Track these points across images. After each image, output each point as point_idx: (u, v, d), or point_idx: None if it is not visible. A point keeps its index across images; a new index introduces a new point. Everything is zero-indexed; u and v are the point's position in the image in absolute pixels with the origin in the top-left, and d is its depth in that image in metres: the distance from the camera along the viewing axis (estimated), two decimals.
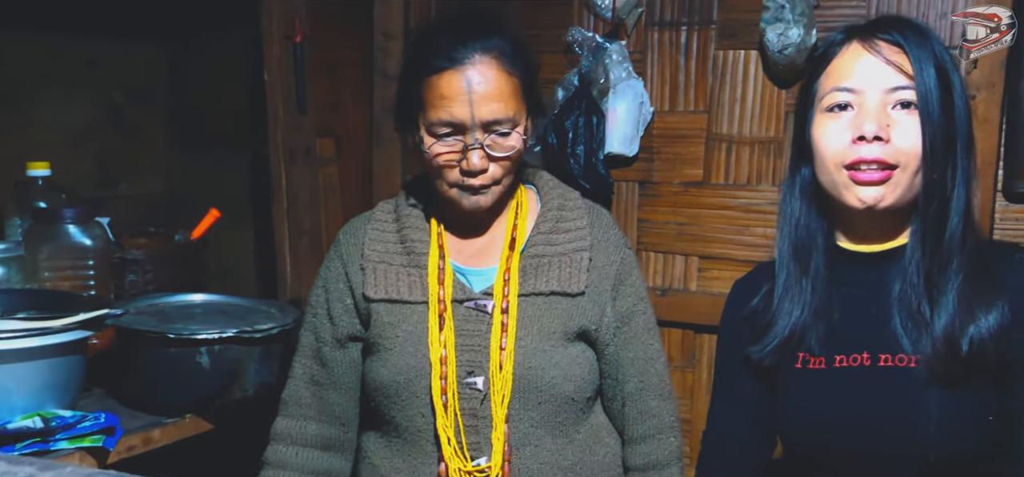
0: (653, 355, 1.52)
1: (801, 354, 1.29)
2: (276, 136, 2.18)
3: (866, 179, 1.19)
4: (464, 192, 1.41)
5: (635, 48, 2.12)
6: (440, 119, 1.37)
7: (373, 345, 1.47)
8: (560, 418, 1.45)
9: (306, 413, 1.51)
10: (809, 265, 1.29)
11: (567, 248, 1.48)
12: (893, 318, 1.22)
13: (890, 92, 1.19)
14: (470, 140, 1.37)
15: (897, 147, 1.18)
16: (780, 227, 1.34)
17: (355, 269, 1.50)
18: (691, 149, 2.10)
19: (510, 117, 1.39)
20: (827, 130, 1.22)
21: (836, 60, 1.24)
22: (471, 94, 1.36)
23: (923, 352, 1.19)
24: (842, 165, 1.20)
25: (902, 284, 1.22)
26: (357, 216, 1.58)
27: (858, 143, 1.18)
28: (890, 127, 1.18)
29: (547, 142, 2.13)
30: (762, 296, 1.36)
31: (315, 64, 2.26)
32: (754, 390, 1.38)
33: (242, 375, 1.60)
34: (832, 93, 1.22)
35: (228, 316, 1.68)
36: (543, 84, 2.19)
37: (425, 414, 1.42)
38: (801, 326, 1.28)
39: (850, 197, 1.21)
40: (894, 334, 1.22)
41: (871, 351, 1.24)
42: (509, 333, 1.42)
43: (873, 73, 1.20)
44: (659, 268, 2.16)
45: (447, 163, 1.39)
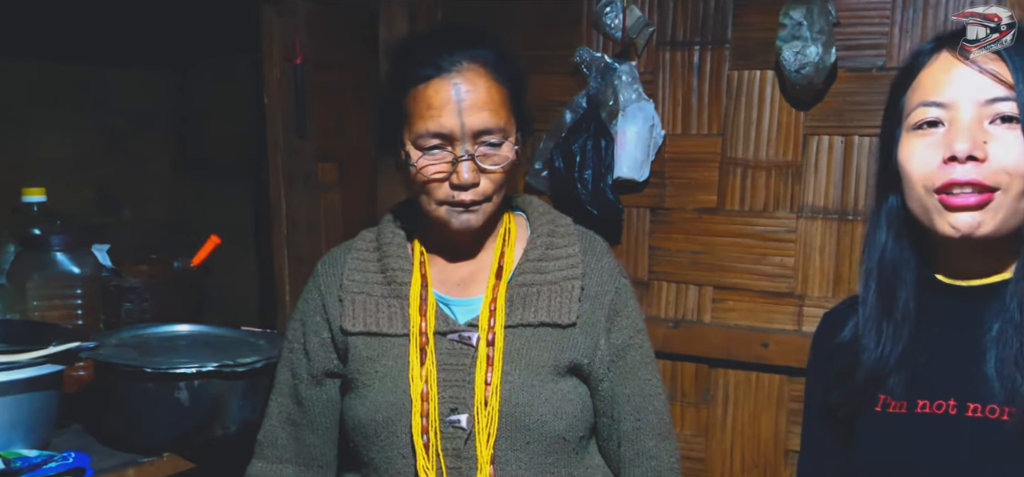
0: (651, 392, 1.43)
1: (882, 397, 1.16)
2: (276, 161, 2.13)
3: (960, 204, 1.05)
4: (454, 210, 1.33)
5: (646, 68, 2.03)
6: (428, 130, 1.30)
7: (351, 381, 1.39)
8: (550, 459, 1.35)
9: (282, 455, 1.43)
10: (895, 303, 1.16)
11: (557, 277, 1.39)
12: (988, 362, 1.08)
13: (986, 105, 1.05)
14: (460, 151, 1.30)
15: (996, 166, 1.04)
16: (864, 261, 1.21)
17: (333, 301, 1.42)
18: (705, 174, 2.00)
19: (501, 127, 1.32)
20: (914, 150, 1.10)
21: (924, 73, 1.11)
22: (460, 102, 1.29)
23: (1019, 404, 1.04)
24: (932, 189, 1.07)
25: (1002, 324, 1.07)
26: (338, 246, 1.50)
27: (950, 164, 1.05)
28: (987, 144, 1.04)
29: (554, 166, 2.05)
30: (848, 332, 1.23)
31: (317, 87, 2.21)
32: (839, 436, 1.24)
33: (223, 411, 1.53)
34: (919, 109, 1.09)
35: (213, 348, 1.62)
36: (551, 106, 2.14)
37: (405, 455, 1.33)
38: (883, 368, 1.15)
39: (942, 224, 1.07)
40: (987, 381, 1.07)
41: (959, 398, 1.09)
42: (495, 367, 1.33)
43: (966, 84, 1.06)
44: (672, 298, 2.06)
45: (435, 177, 1.31)
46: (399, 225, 1.47)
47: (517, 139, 1.36)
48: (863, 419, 1.17)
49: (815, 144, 1.89)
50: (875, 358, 1.15)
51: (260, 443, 1.45)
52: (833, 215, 1.89)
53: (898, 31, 1.80)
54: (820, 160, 1.88)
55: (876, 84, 1.82)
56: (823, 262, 1.91)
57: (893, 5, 1.82)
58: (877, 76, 1.83)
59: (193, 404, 1.50)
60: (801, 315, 1.95)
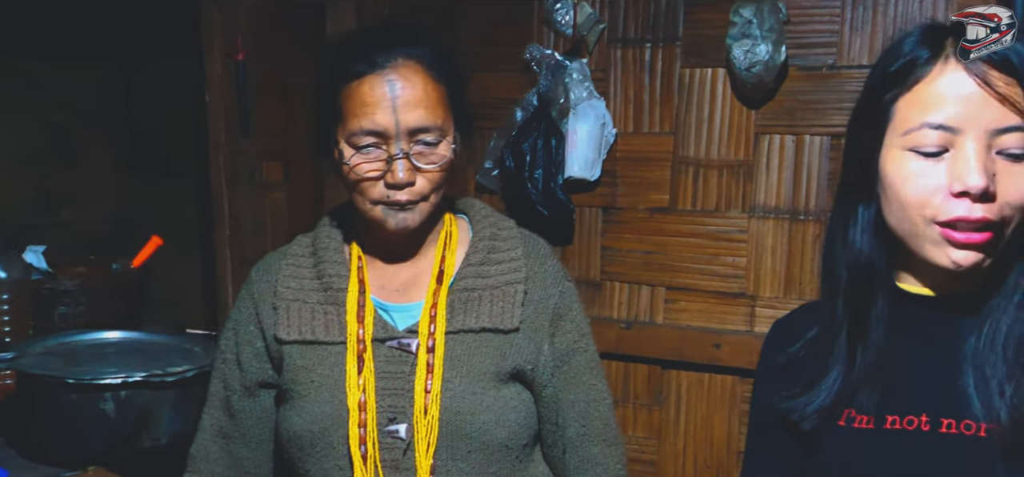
0: (596, 397, 1.39)
1: (847, 411, 1.08)
2: (218, 160, 2.06)
3: (965, 241, 0.96)
4: (389, 210, 1.28)
5: (597, 66, 2.00)
6: (361, 128, 1.25)
7: (286, 392, 1.34)
8: (493, 469, 1.31)
9: (214, 470, 1.38)
10: (868, 315, 1.08)
11: (500, 281, 1.35)
12: (964, 376, 1.00)
13: (997, 134, 0.95)
14: (394, 150, 1.25)
15: (1004, 201, 0.96)
16: (827, 268, 1.12)
17: (267, 309, 1.37)
18: (657, 173, 1.97)
19: (437, 125, 1.27)
20: (911, 173, 0.99)
21: (925, 83, 0.99)
22: (395, 99, 1.25)
23: (997, 419, 0.97)
24: (932, 220, 0.98)
25: (980, 340, 1.00)
26: (273, 251, 1.45)
27: (959, 198, 0.96)
28: (995, 177, 0.95)
29: (505, 165, 2.00)
30: (806, 342, 1.15)
31: (263, 84, 2.15)
32: (793, 451, 1.16)
33: (153, 422, 1.48)
34: (923, 130, 0.98)
35: (144, 356, 1.56)
36: (502, 104, 2.09)
37: (343, 467, 1.29)
38: (852, 384, 1.07)
39: (940, 257, 0.99)
40: (963, 395, 1.00)
41: (932, 413, 1.02)
42: (435, 374, 1.29)
43: (978, 109, 0.95)
44: (624, 299, 2.03)
45: (369, 175, 1.27)
46: (336, 229, 1.42)
47: (456, 139, 1.32)
48: (826, 435, 1.10)
49: (766, 143, 1.86)
50: (844, 375, 1.08)
51: (192, 457, 1.40)
52: (784, 215, 1.87)
53: (848, 29, 1.78)
54: (771, 159, 1.86)
55: (827, 83, 1.80)
56: (775, 262, 1.89)
57: (843, 3, 1.80)
58: (828, 75, 1.81)
59: (120, 415, 1.44)
60: (753, 316, 1.92)
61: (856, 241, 1.08)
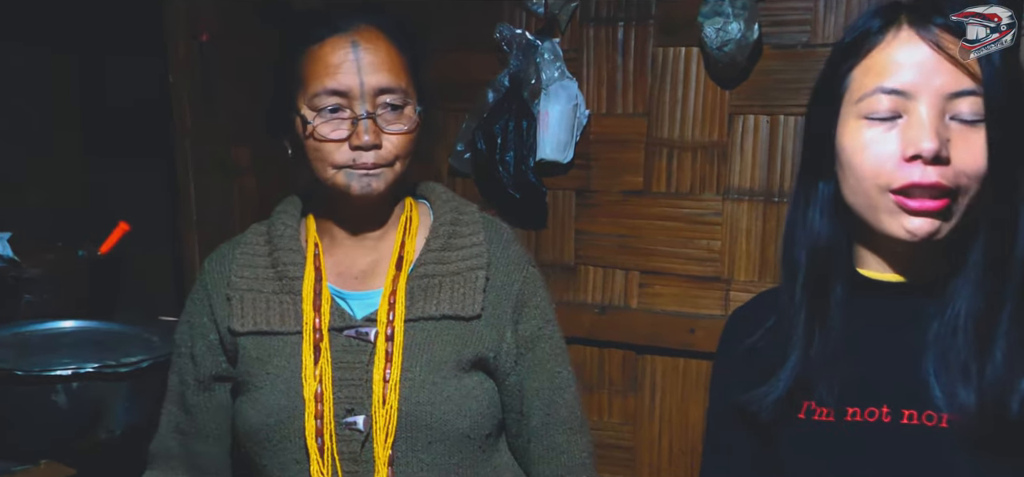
0: (561, 384, 1.35)
1: (806, 403, 1.04)
2: (183, 144, 2.02)
3: (919, 207, 0.94)
4: (354, 174, 1.24)
5: (569, 46, 1.95)
6: (325, 87, 1.21)
7: (242, 385, 1.30)
8: (454, 460, 1.27)
9: (174, 467, 1.34)
10: (826, 298, 1.05)
11: (461, 267, 1.31)
12: (925, 366, 0.97)
13: (951, 98, 0.94)
14: (359, 110, 1.22)
15: (958, 169, 0.93)
16: (788, 250, 1.09)
17: (220, 300, 1.33)
18: (630, 155, 1.93)
19: (402, 87, 1.24)
20: (866, 142, 0.97)
21: (880, 49, 0.97)
22: (358, 60, 1.22)
23: (959, 410, 0.94)
24: (887, 188, 0.96)
25: (941, 325, 0.97)
26: (227, 241, 1.41)
27: (912, 163, 0.93)
28: (949, 142, 0.93)
29: (476, 148, 1.96)
30: (765, 332, 1.12)
31: (229, 68, 2.10)
32: (753, 446, 1.13)
33: (107, 414, 1.44)
34: (875, 95, 0.96)
35: (100, 347, 1.52)
36: (474, 86, 2.05)
37: (300, 460, 1.25)
38: (811, 374, 1.04)
39: (895, 227, 0.96)
40: (925, 385, 0.97)
41: (892, 404, 0.99)
42: (394, 363, 1.25)
43: (931, 72, 0.94)
44: (598, 283, 1.99)
45: (333, 138, 1.23)
46: (292, 216, 1.37)
47: (418, 111, 1.28)
48: (786, 428, 1.07)
49: (741, 124, 1.82)
50: (802, 363, 1.04)
51: (151, 454, 1.36)
52: (759, 197, 1.83)
53: (823, 6, 1.74)
54: (746, 140, 1.82)
55: (802, 62, 1.76)
56: (749, 245, 1.86)
57: None
58: (802, 53, 1.77)
59: (72, 407, 1.40)
60: (728, 300, 1.89)
61: (816, 222, 1.05)
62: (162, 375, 1.45)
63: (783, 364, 1.06)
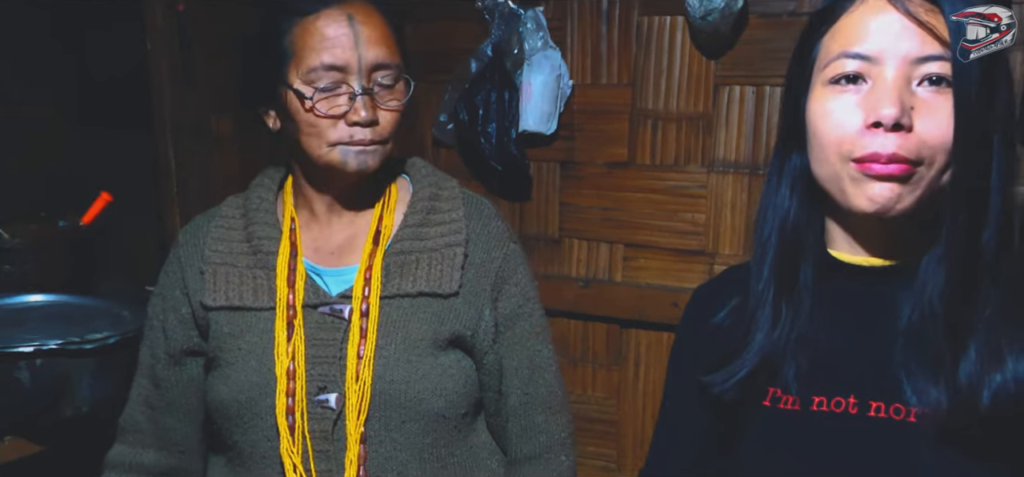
0: (541, 363, 1.34)
1: (772, 389, 1.01)
2: (161, 114, 1.98)
3: (880, 173, 0.91)
4: (350, 151, 1.22)
5: (553, 15, 1.91)
6: (322, 62, 1.19)
7: (213, 360, 1.29)
8: (429, 439, 1.26)
9: (143, 440, 1.33)
10: (795, 278, 1.02)
11: (439, 243, 1.29)
12: (895, 355, 0.94)
13: (916, 63, 0.90)
14: (356, 87, 1.20)
15: (921, 138, 0.90)
16: (759, 227, 1.06)
17: (194, 274, 1.31)
18: (615, 126, 1.89)
19: (396, 63, 1.23)
20: (830, 108, 0.94)
21: (846, 16, 0.95)
22: (356, 34, 1.20)
23: (929, 403, 0.91)
24: (849, 157, 0.93)
25: (912, 313, 0.94)
26: (202, 213, 1.39)
27: (873, 130, 0.90)
28: (914, 110, 0.90)
29: (459, 119, 1.93)
30: (730, 311, 1.09)
31: (211, 35, 2.05)
32: (708, 428, 1.10)
33: (73, 390, 1.42)
34: (839, 60, 0.93)
35: (68, 322, 1.50)
36: (457, 55, 2.01)
37: (271, 437, 1.24)
38: (776, 355, 1.01)
39: (857, 197, 0.93)
40: (894, 376, 0.94)
41: (860, 395, 0.96)
42: (368, 340, 1.24)
43: (896, 36, 0.91)
44: (583, 257, 1.97)
45: (331, 114, 1.20)
46: (269, 189, 1.36)
47: (409, 84, 1.27)
48: (750, 414, 1.04)
49: (726, 94, 1.79)
50: (769, 343, 1.01)
51: (120, 426, 1.35)
52: (744, 169, 1.81)
53: None
54: (731, 111, 1.79)
55: (788, 30, 1.72)
56: (734, 219, 1.83)
57: None
58: (789, 22, 1.73)
59: (36, 384, 1.38)
60: (712, 274, 1.87)
61: (786, 198, 1.03)
62: (130, 351, 1.43)
63: (748, 345, 1.03)
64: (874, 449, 0.94)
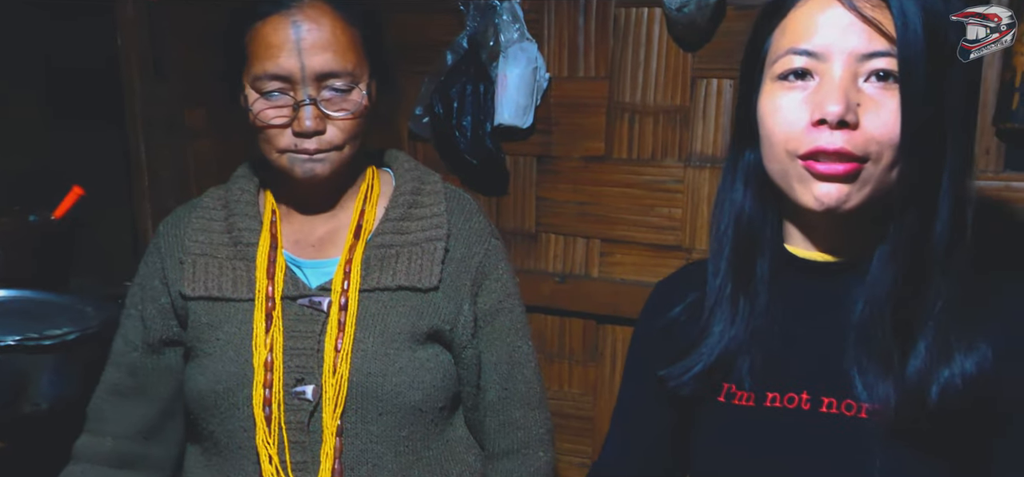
0: (521, 359, 1.34)
1: (727, 385, 1.03)
2: (132, 107, 1.96)
3: (827, 172, 0.91)
4: (297, 158, 1.21)
5: (530, 7, 1.90)
6: (265, 72, 1.18)
7: (191, 350, 1.29)
8: (405, 432, 1.26)
9: (104, 428, 1.32)
10: (750, 274, 1.03)
11: (420, 237, 1.29)
12: (847, 352, 0.95)
13: (863, 59, 0.91)
14: (301, 96, 1.19)
15: (868, 134, 0.90)
16: (716, 222, 1.07)
17: (173, 264, 1.31)
18: (592, 120, 1.89)
19: (348, 70, 1.20)
20: (778, 105, 0.95)
21: (795, 11, 0.95)
22: (300, 42, 1.18)
23: (879, 399, 0.92)
24: (796, 154, 0.93)
25: (865, 309, 0.95)
26: (183, 205, 1.38)
27: (818, 127, 0.91)
28: (860, 107, 0.91)
29: (434, 112, 1.92)
30: (687, 306, 1.09)
31: (182, 28, 2.03)
32: (663, 422, 1.11)
33: (31, 387, 1.39)
34: (787, 56, 0.94)
35: (28, 318, 1.47)
36: (434, 47, 1.99)
37: (247, 428, 1.23)
38: (732, 351, 1.02)
39: (805, 195, 0.94)
40: (845, 372, 0.95)
41: (813, 391, 0.96)
42: (346, 333, 1.24)
43: (842, 32, 0.91)
44: (559, 252, 1.96)
45: (275, 123, 1.20)
46: (251, 182, 1.36)
47: (371, 86, 1.25)
48: (705, 409, 1.05)
49: (703, 88, 1.79)
50: (725, 339, 1.02)
51: (86, 416, 1.34)
52: (721, 164, 1.78)
53: None
54: (708, 105, 1.79)
55: None
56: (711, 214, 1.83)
57: None
58: None
59: None
60: None
61: (741, 195, 1.03)
62: (92, 347, 1.41)
63: (704, 340, 1.03)
64: (826, 445, 0.95)
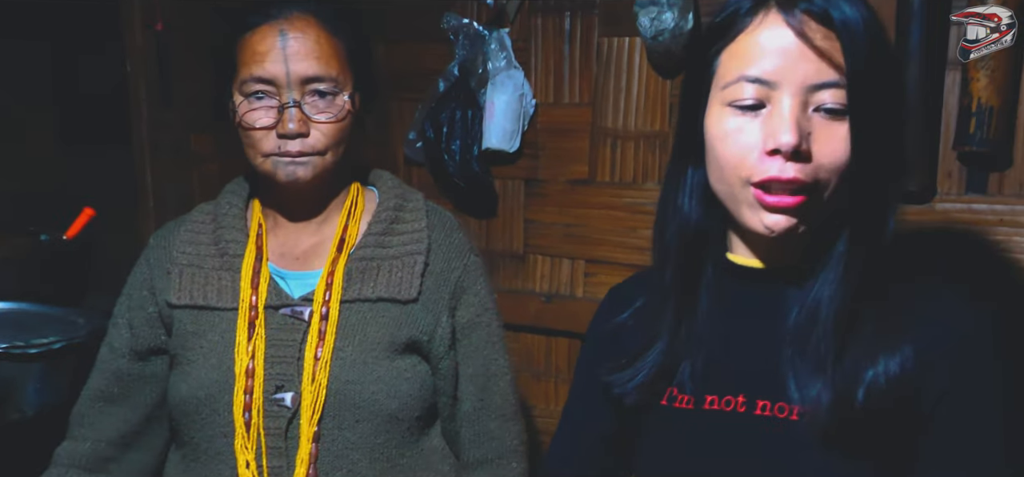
0: (496, 372, 1.39)
1: (669, 389, 1.04)
2: (139, 132, 2.05)
3: (778, 204, 0.92)
4: (280, 161, 1.27)
5: (519, 36, 1.97)
6: (251, 75, 1.26)
7: (175, 358, 1.34)
8: (381, 439, 1.30)
9: (85, 433, 1.38)
10: (695, 282, 1.04)
11: (400, 251, 1.35)
12: (781, 354, 0.97)
13: (813, 91, 0.91)
14: (286, 99, 1.25)
15: (818, 162, 0.91)
16: (661, 233, 1.07)
17: (161, 274, 1.37)
18: (576, 144, 1.95)
19: (331, 76, 1.27)
20: (728, 131, 0.95)
21: (746, 36, 0.94)
22: (285, 49, 1.25)
23: (809, 401, 0.93)
24: (748, 181, 0.94)
25: (800, 314, 0.96)
26: (174, 219, 1.45)
27: (772, 157, 0.91)
28: (811, 136, 0.91)
29: (426, 137, 1.99)
30: (634, 311, 1.11)
31: (189, 55, 2.13)
32: (607, 426, 1.14)
33: (16, 395, 1.47)
34: (739, 83, 0.93)
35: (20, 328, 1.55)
36: (428, 75, 2.07)
37: (227, 434, 1.29)
38: (676, 356, 1.04)
39: (754, 221, 0.95)
40: (780, 375, 0.96)
41: (749, 393, 0.98)
42: (326, 342, 1.29)
43: (795, 62, 0.91)
44: (546, 273, 2.02)
45: (261, 125, 1.26)
46: (238, 196, 1.42)
47: (355, 97, 1.31)
48: (649, 414, 1.07)
49: None
50: (669, 346, 1.04)
51: (69, 422, 1.40)
52: None
53: None
54: None
55: None
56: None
57: None
58: None
59: None
60: None
61: (685, 207, 1.04)
62: (79, 356, 1.49)
63: (649, 348, 1.05)
64: (759, 446, 0.97)
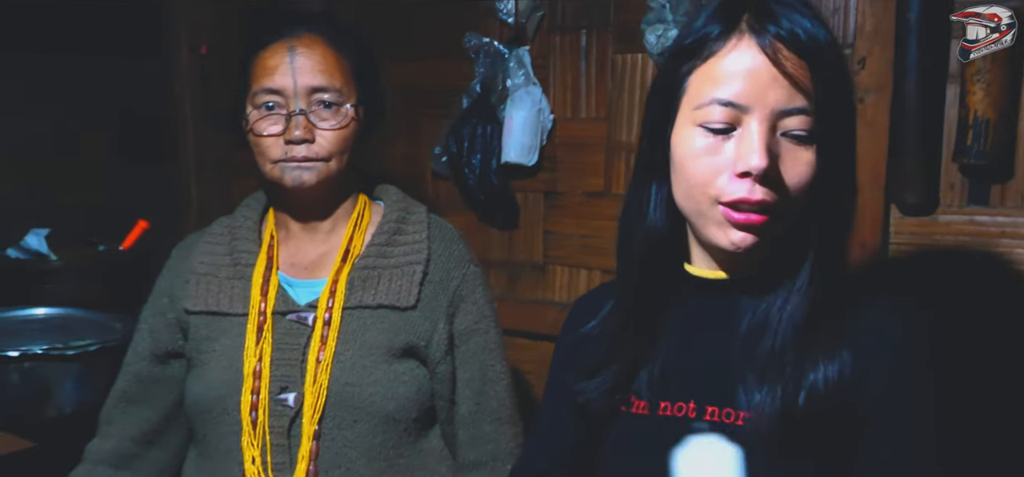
0: (494, 377, 1.44)
1: (631, 396, 1.07)
2: (186, 148, 2.19)
3: (743, 221, 0.95)
4: (287, 166, 1.37)
5: (538, 53, 2.03)
6: (262, 87, 1.36)
7: (190, 361, 1.45)
8: (378, 440, 1.38)
9: (110, 431, 1.48)
10: (655, 295, 1.07)
11: (401, 261, 1.43)
12: (731, 362, 0.99)
13: (782, 116, 0.93)
14: (293, 107, 1.35)
15: (785, 184, 0.94)
16: (626, 245, 1.09)
17: (180, 283, 1.47)
18: (592, 158, 2.00)
19: (336, 87, 1.37)
20: (699, 151, 0.96)
21: (718, 58, 0.96)
22: (293, 63, 1.35)
23: (754, 407, 0.96)
24: (717, 200, 0.96)
25: (751, 322, 1.00)
26: (196, 232, 1.56)
27: (742, 179, 0.94)
28: (779, 158, 0.94)
29: (450, 151, 2.07)
30: (600, 320, 1.13)
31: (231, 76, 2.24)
32: (571, 431, 1.16)
33: (55, 392, 1.59)
34: (711, 106, 0.95)
35: (63, 331, 1.67)
36: (452, 92, 2.15)
37: (236, 432, 1.38)
38: (636, 367, 1.06)
39: (720, 237, 0.97)
40: (729, 382, 0.99)
41: (699, 400, 1.01)
42: (328, 346, 1.37)
43: (766, 87, 0.93)
44: (565, 283, 2.07)
45: (270, 133, 1.36)
46: (254, 210, 1.52)
47: (359, 109, 1.40)
48: (610, 421, 1.10)
49: None
50: (631, 356, 1.07)
51: (99, 421, 1.50)
52: None
53: None
54: None
55: None
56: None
57: None
58: None
59: (25, 385, 1.56)
60: None
61: (648, 220, 1.06)
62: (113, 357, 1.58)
63: (612, 358, 1.08)
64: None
